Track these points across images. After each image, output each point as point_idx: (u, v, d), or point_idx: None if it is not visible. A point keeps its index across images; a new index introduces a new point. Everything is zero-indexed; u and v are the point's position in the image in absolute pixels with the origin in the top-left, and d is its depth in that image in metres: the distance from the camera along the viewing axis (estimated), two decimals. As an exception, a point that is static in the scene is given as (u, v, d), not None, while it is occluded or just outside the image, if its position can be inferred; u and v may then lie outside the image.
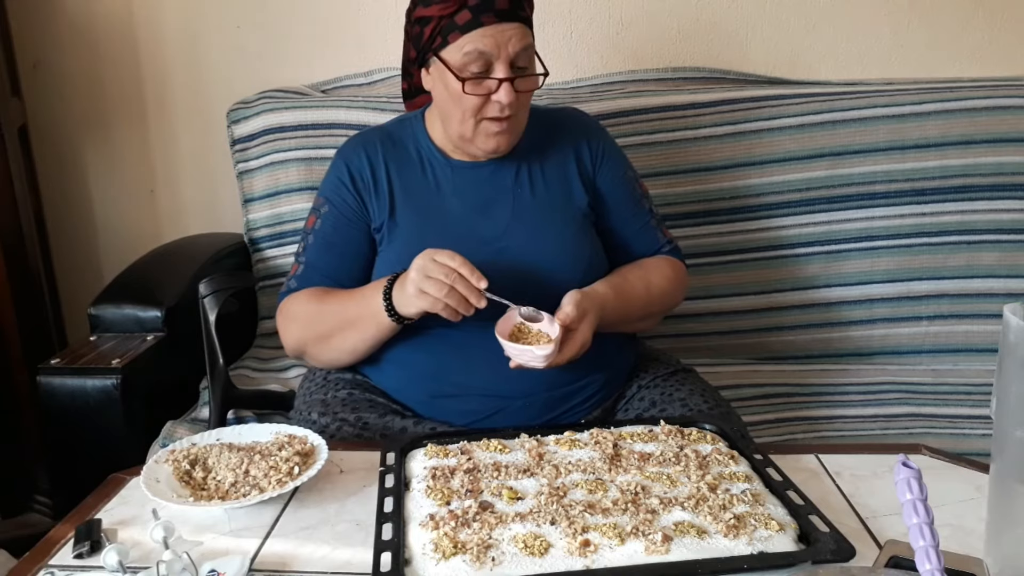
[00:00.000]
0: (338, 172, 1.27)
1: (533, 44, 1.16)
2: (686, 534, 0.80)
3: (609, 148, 1.33)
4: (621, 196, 1.31)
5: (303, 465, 0.96)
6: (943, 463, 1.01)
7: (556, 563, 0.77)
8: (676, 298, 1.34)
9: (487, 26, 1.10)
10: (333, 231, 1.26)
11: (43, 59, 2.05)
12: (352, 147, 1.29)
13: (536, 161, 1.27)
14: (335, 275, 1.25)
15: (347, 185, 1.26)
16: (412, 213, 1.24)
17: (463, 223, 1.23)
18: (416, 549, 0.80)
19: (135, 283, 1.68)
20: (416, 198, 1.25)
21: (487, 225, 1.22)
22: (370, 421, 1.17)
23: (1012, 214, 1.73)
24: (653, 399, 1.22)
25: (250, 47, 2.01)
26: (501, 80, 1.12)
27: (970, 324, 1.75)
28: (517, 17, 1.13)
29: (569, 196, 1.27)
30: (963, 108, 1.72)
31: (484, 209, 1.23)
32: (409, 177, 1.26)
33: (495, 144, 1.19)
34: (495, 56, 1.12)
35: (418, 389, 1.21)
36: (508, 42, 1.12)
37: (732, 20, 1.93)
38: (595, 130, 1.34)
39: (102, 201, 2.15)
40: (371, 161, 1.26)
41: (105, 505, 0.96)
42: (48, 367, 1.44)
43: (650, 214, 1.35)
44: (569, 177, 1.28)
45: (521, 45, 1.13)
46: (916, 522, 0.57)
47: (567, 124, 1.32)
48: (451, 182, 1.25)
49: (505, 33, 1.11)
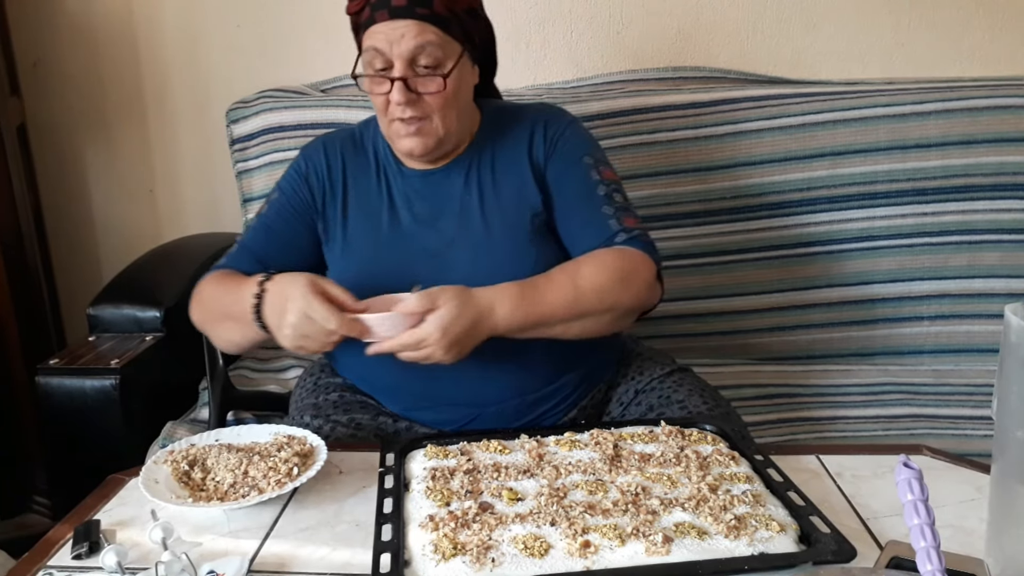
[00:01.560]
0: (296, 166, 1.27)
1: (444, 43, 1.10)
2: (687, 535, 0.80)
3: (568, 133, 1.23)
4: (571, 183, 1.21)
5: (302, 466, 0.96)
6: (944, 464, 1.01)
7: (556, 564, 0.77)
8: (629, 292, 1.13)
9: (379, 23, 1.09)
10: (276, 216, 1.24)
11: (42, 58, 2.05)
12: (315, 146, 1.28)
13: (487, 164, 1.22)
14: (265, 259, 1.21)
15: (303, 178, 1.25)
16: (361, 222, 1.22)
17: (408, 235, 1.20)
18: (416, 550, 0.80)
19: (134, 283, 1.68)
20: (367, 207, 1.23)
21: (433, 237, 1.19)
22: (363, 422, 1.17)
23: (1013, 214, 1.72)
24: (651, 404, 1.20)
25: (250, 46, 2.01)
26: (393, 79, 1.10)
27: (971, 324, 1.75)
28: (413, 15, 1.08)
29: (521, 198, 1.20)
30: (964, 108, 1.71)
31: (431, 220, 1.20)
32: (364, 184, 1.24)
33: (408, 146, 1.15)
34: (389, 53, 1.10)
35: (393, 400, 1.21)
36: (400, 40, 1.09)
37: (733, 19, 1.92)
38: (555, 118, 1.25)
39: (101, 200, 2.15)
40: (330, 162, 1.25)
41: (104, 506, 0.96)
42: (47, 367, 1.44)
43: (606, 201, 1.20)
44: (522, 175, 1.21)
45: (415, 43, 1.08)
46: (917, 523, 0.57)
47: (525, 117, 1.25)
48: (402, 192, 1.22)
49: (397, 31, 1.08)
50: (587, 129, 1.29)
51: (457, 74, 1.13)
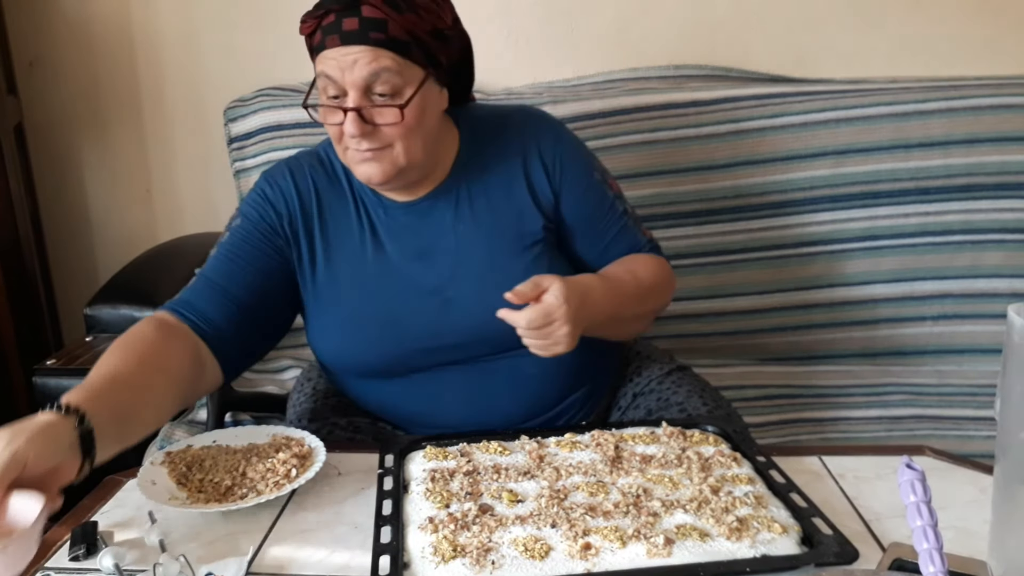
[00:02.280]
0: (259, 191, 1.15)
1: (403, 69, 1.01)
2: (688, 537, 0.79)
3: (567, 155, 1.16)
4: (590, 207, 1.18)
5: (301, 467, 0.95)
6: (947, 465, 1.00)
7: (557, 566, 0.76)
8: (665, 297, 1.21)
9: (330, 48, 1.00)
10: (242, 243, 1.12)
11: (39, 57, 2.04)
12: (278, 170, 1.17)
13: (479, 190, 1.13)
14: (231, 288, 1.09)
15: (268, 202, 1.14)
16: (343, 257, 1.13)
17: (401, 274, 1.11)
18: (415, 552, 0.79)
19: (131, 283, 1.67)
20: (347, 240, 1.13)
21: (429, 274, 1.11)
22: (362, 425, 1.16)
23: (1017, 214, 1.72)
24: (649, 407, 1.18)
25: (247, 45, 2.00)
26: (346, 109, 1.01)
27: (974, 324, 1.75)
28: (367, 40, 0.99)
29: (520, 226, 1.13)
30: (967, 107, 1.71)
31: (424, 255, 1.12)
32: (341, 213, 1.14)
33: (366, 173, 1.06)
34: (341, 80, 1.01)
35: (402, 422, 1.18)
36: (352, 67, 0.99)
37: (734, 17, 1.92)
38: (547, 138, 1.17)
39: (98, 200, 2.14)
40: (299, 187, 1.14)
41: (101, 507, 0.95)
42: (44, 368, 1.44)
43: (624, 216, 1.20)
44: (517, 197, 1.14)
45: (368, 70, 0.99)
46: (920, 524, 0.56)
47: (515, 135, 1.16)
48: (385, 225, 1.13)
49: (349, 56, 0.99)
50: (571, 132, 1.22)
51: (419, 101, 1.03)
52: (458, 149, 1.15)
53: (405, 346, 1.11)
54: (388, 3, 1.00)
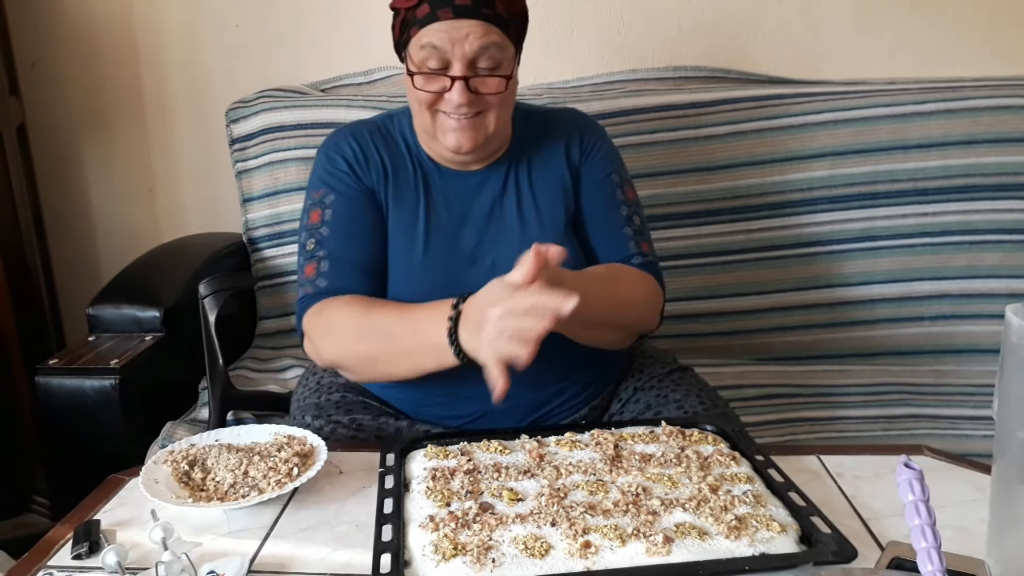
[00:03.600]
0: (329, 162, 1.21)
1: (504, 44, 1.10)
2: (687, 535, 0.80)
3: (600, 146, 1.26)
4: (598, 194, 1.24)
5: (302, 466, 0.96)
6: (945, 464, 1.00)
7: (557, 564, 0.76)
8: (647, 315, 1.20)
9: (442, 21, 1.06)
10: (350, 216, 1.18)
11: (42, 58, 2.05)
12: (338, 138, 1.23)
13: (525, 168, 1.22)
14: (365, 262, 1.16)
15: (343, 170, 1.20)
16: (400, 217, 1.19)
17: (444, 233, 1.18)
18: (416, 551, 0.79)
19: (134, 283, 1.68)
20: (406, 200, 1.20)
21: (467, 237, 1.18)
22: (364, 423, 1.16)
23: (1014, 214, 1.72)
24: (648, 402, 1.20)
25: (249, 46, 2.00)
26: (454, 78, 1.08)
27: (972, 325, 1.75)
28: (478, 15, 1.06)
29: (556, 205, 1.21)
30: (965, 108, 1.71)
31: (468, 220, 1.19)
32: (403, 176, 1.21)
33: (455, 140, 1.12)
34: (450, 53, 1.07)
35: (405, 395, 1.20)
36: (464, 39, 1.06)
37: (733, 19, 1.92)
38: (589, 128, 1.28)
39: (101, 200, 2.15)
40: (364, 150, 1.21)
41: (104, 506, 0.95)
42: (46, 367, 1.44)
43: (627, 222, 1.24)
44: (561, 178, 1.23)
45: (480, 44, 1.07)
46: (918, 523, 0.56)
47: (561, 124, 1.27)
48: (440, 190, 1.20)
49: (461, 30, 1.06)
50: (613, 142, 1.30)
51: (514, 75, 1.13)
52: (512, 131, 1.23)
53: None
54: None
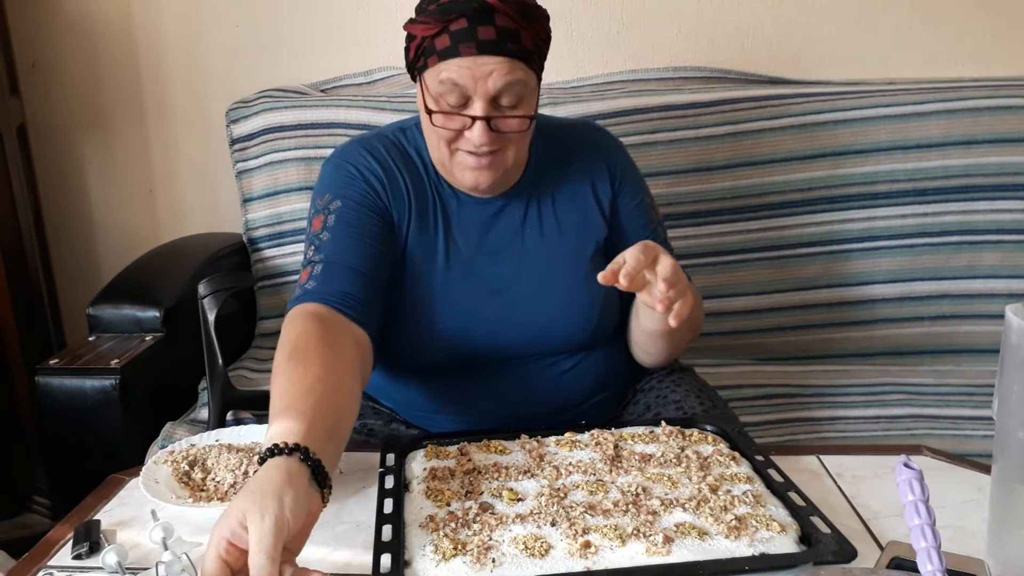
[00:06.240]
0: (339, 171, 1.12)
1: (528, 81, 1.02)
2: (687, 535, 0.80)
3: (628, 172, 1.21)
4: (636, 223, 1.19)
5: (302, 466, 0.96)
6: (945, 464, 1.00)
7: (557, 564, 0.76)
8: (697, 329, 1.23)
9: (464, 57, 0.97)
10: (352, 222, 1.08)
11: (41, 58, 2.05)
12: (354, 152, 1.13)
13: (547, 195, 1.15)
14: (360, 265, 1.05)
15: (356, 180, 1.10)
16: (421, 241, 1.11)
17: (471, 268, 1.11)
18: (416, 550, 0.79)
19: (134, 283, 1.68)
20: (428, 227, 1.11)
21: (497, 273, 1.12)
22: (375, 428, 1.16)
23: (1014, 214, 1.73)
24: (648, 403, 1.20)
25: (249, 46, 2.00)
26: (475, 118, 1.00)
27: (972, 325, 1.75)
28: (503, 51, 0.98)
29: (583, 233, 1.15)
30: (965, 108, 1.71)
31: (493, 254, 1.12)
32: (422, 200, 1.11)
33: (473, 180, 1.06)
34: (471, 91, 0.99)
35: (422, 419, 1.19)
36: (488, 77, 0.98)
37: (733, 19, 1.92)
38: (614, 151, 1.21)
39: (101, 201, 2.15)
40: (384, 168, 1.11)
41: (104, 506, 0.95)
42: (47, 367, 1.44)
43: (666, 244, 1.21)
44: (585, 207, 1.16)
45: (504, 82, 0.98)
46: (918, 523, 0.56)
47: (583, 146, 1.19)
48: (457, 217, 1.12)
49: (485, 67, 0.98)
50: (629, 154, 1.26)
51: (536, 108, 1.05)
52: (530, 155, 1.14)
53: (468, 340, 1.11)
54: (519, 12, 0.99)
